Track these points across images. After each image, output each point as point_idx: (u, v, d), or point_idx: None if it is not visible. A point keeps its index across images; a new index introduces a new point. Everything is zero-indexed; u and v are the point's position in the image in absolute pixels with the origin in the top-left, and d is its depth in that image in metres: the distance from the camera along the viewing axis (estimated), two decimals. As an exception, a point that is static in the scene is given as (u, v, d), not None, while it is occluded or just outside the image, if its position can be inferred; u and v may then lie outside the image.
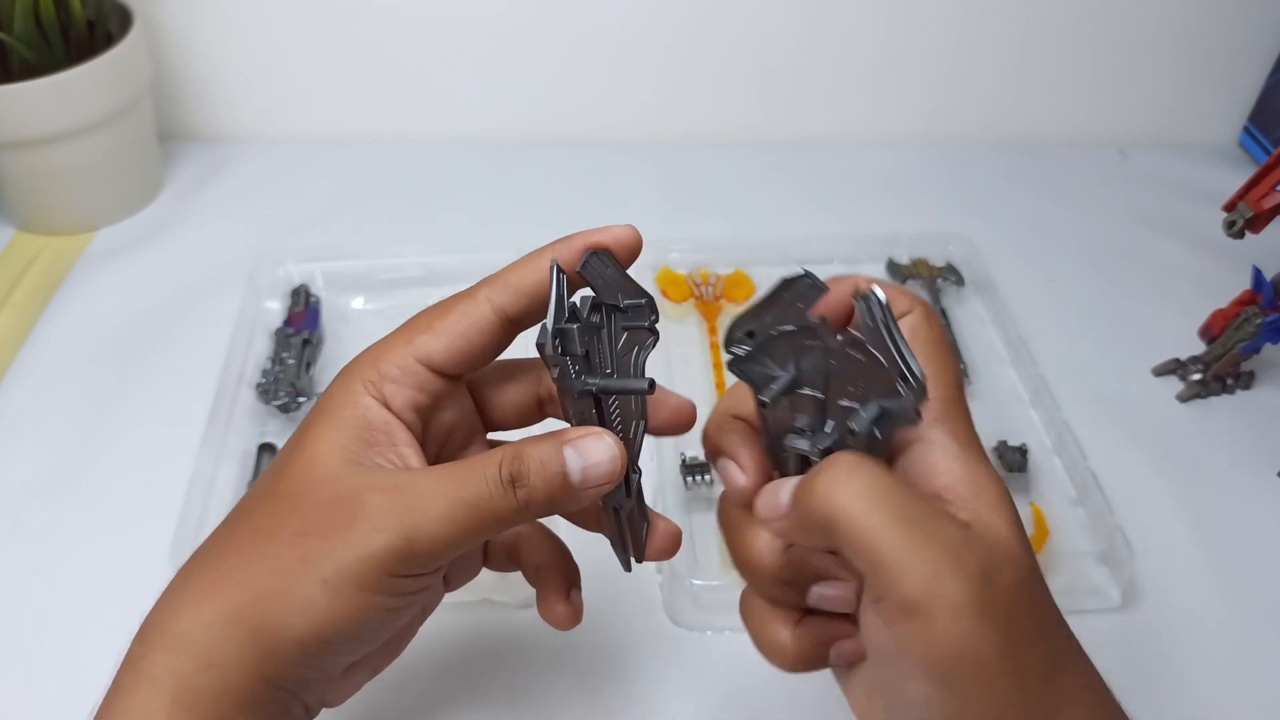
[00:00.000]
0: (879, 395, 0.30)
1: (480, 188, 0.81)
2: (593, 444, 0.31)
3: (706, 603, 0.50)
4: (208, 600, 0.31)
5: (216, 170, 0.82)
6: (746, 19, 0.81)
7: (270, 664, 0.30)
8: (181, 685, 0.30)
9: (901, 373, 0.29)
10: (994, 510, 0.29)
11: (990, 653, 0.27)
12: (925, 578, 0.27)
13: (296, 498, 0.31)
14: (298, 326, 0.63)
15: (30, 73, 0.66)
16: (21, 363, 0.64)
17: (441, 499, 0.30)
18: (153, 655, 0.31)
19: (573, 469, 0.31)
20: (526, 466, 0.31)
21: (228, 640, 0.30)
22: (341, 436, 0.32)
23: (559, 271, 0.32)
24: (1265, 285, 0.60)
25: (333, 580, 0.30)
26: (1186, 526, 0.56)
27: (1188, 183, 0.84)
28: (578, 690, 0.47)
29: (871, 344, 0.29)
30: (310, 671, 0.32)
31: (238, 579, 0.31)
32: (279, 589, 0.30)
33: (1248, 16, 0.82)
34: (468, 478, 0.31)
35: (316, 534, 0.30)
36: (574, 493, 0.31)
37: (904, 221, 0.77)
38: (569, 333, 0.32)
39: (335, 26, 0.80)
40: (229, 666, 0.30)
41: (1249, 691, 0.49)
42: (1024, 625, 0.28)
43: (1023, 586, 0.28)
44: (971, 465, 0.30)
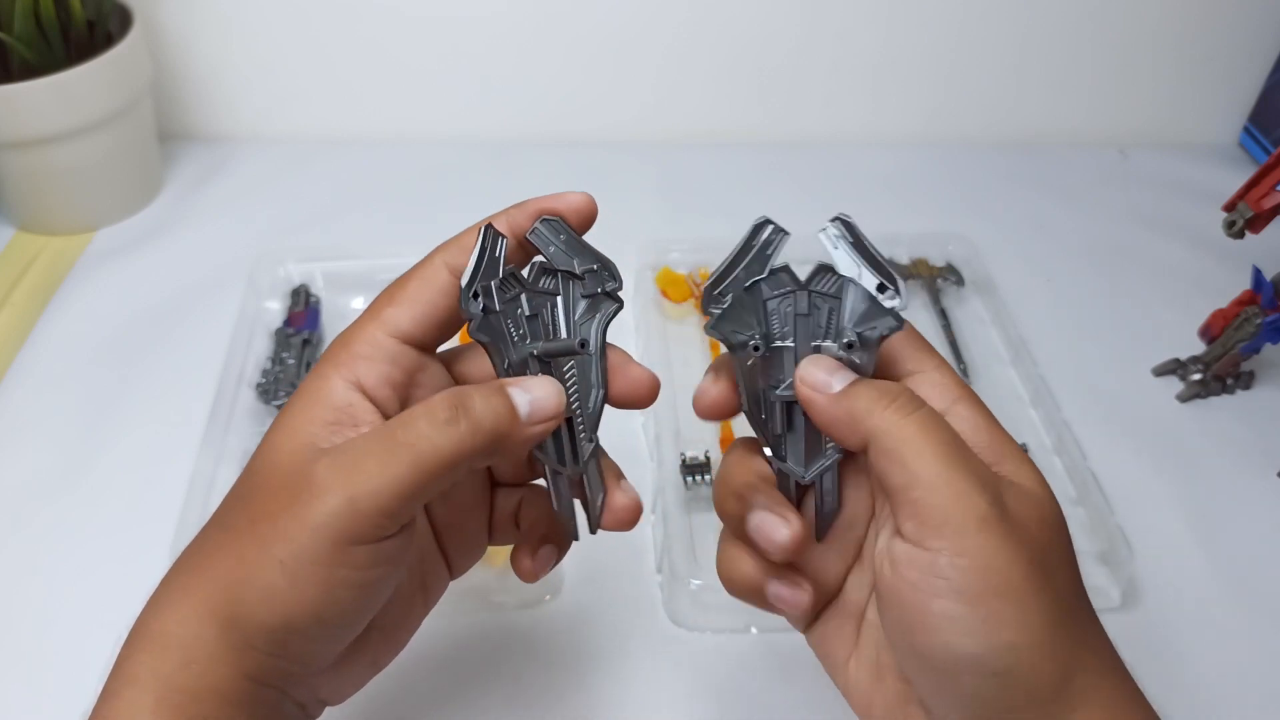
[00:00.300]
0: (854, 324, 0.33)
1: (480, 188, 0.81)
2: (535, 382, 0.32)
3: (706, 603, 0.50)
4: (183, 599, 0.31)
5: (216, 170, 0.82)
6: (746, 19, 0.81)
7: (247, 657, 0.30)
8: (164, 685, 0.29)
9: (888, 273, 0.32)
10: (1021, 468, 0.31)
11: (1018, 573, 0.28)
12: (959, 494, 0.28)
13: (254, 488, 0.31)
14: (298, 326, 0.63)
15: (30, 73, 0.66)
16: (21, 363, 0.64)
17: (380, 452, 0.29)
18: (137, 657, 0.30)
19: (520, 403, 0.31)
20: (469, 399, 0.30)
21: (203, 636, 0.30)
22: (304, 422, 0.31)
23: (490, 231, 0.32)
24: (1265, 285, 0.60)
25: (289, 561, 0.29)
26: (1186, 526, 0.56)
27: (1188, 183, 0.84)
28: (578, 690, 0.47)
29: (855, 259, 0.33)
30: (289, 664, 0.31)
31: (207, 574, 0.31)
32: (241, 579, 0.29)
33: (1248, 16, 0.82)
34: (403, 425, 0.30)
35: (266, 518, 0.30)
36: (521, 427, 0.31)
37: (904, 221, 0.77)
38: (485, 290, 0.32)
39: (335, 26, 0.80)
40: (207, 663, 0.29)
41: (1249, 691, 0.49)
42: (1051, 559, 0.29)
43: (1049, 526, 0.30)
44: (997, 434, 0.32)
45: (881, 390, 0.31)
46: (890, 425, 0.30)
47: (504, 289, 0.33)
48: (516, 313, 0.33)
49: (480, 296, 0.32)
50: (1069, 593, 0.30)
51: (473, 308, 0.32)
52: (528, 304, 0.33)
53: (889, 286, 0.33)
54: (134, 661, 0.30)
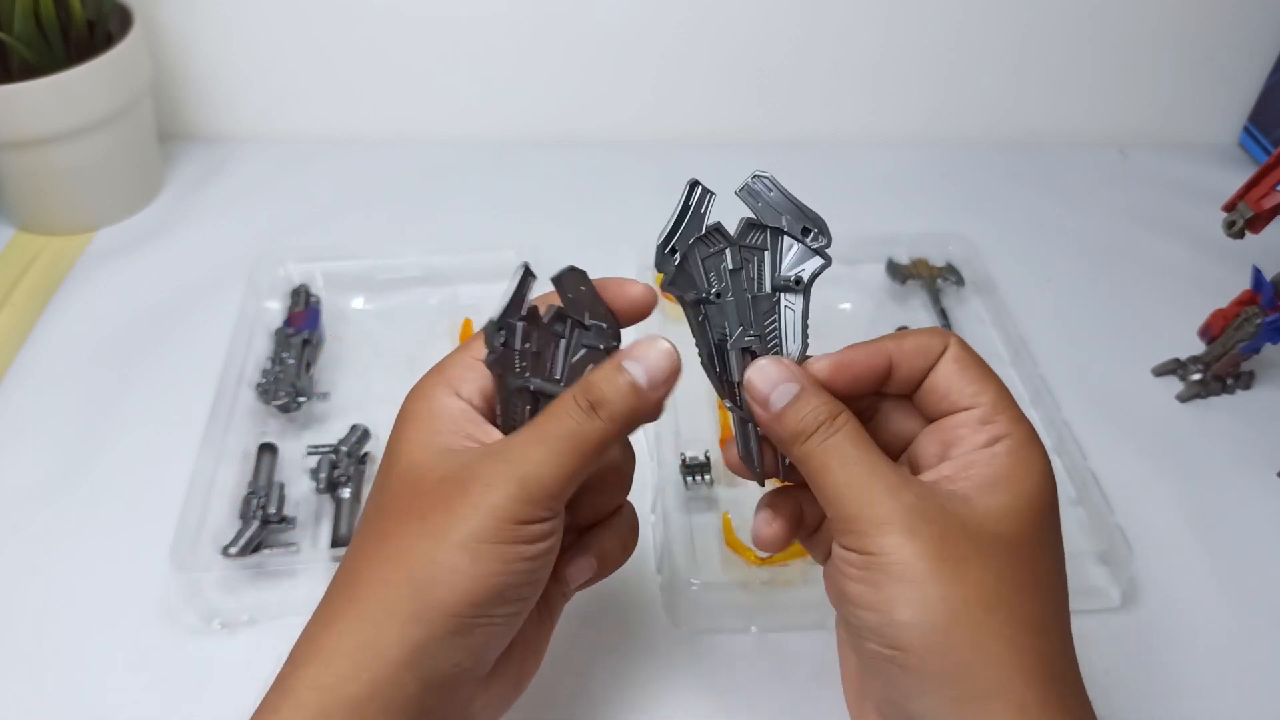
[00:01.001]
0: (788, 269, 0.36)
1: (480, 188, 0.81)
2: (643, 348, 0.35)
3: (706, 603, 0.50)
4: (352, 609, 0.33)
5: (216, 170, 0.82)
6: (746, 19, 0.81)
7: (424, 655, 0.32)
8: (325, 697, 0.31)
9: (812, 216, 0.36)
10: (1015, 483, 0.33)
11: (920, 566, 0.31)
12: (863, 503, 0.32)
13: (402, 497, 0.34)
14: (298, 326, 0.63)
15: (30, 73, 0.66)
16: (21, 363, 0.64)
17: (538, 444, 0.33)
18: (298, 672, 0.32)
19: (637, 375, 0.34)
20: (599, 390, 0.34)
21: (379, 641, 0.32)
22: (426, 433, 0.35)
23: (525, 272, 0.35)
24: (1265, 285, 0.60)
25: (469, 542, 0.32)
26: (1186, 526, 0.56)
27: (1188, 183, 0.84)
28: (578, 690, 0.47)
29: (777, 210, 0.36)
30: (462, 655, 0.33)
31: (377, 581, 0.33)
32: (421, 572, 0.32)
33: (1248, 16, 0.82)
34: (553, 420, 0.34)
35: (436, 511, 0.33)
36: (646, 396, 0.34)
37: (904, 221, 0.77)
38: (511, 327, 0.35)
39: (335, 26, 0.80)
40: (380, 668, 0.32)
41: (1249, 691, 0.49)
42: (957, 548, 0.31)
43: (993, 535, 0.32)
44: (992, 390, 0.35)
45: (807, 416, 0.34)
46: (808, 454, 0.34)
47: (530, 324, 0.36)
48: (524, 346, 0.36)
49: (505, 333, 0.35)
50: (991, 586, 0.31)
51: (495, 341, 0.35)
52: (535, 341, 0.36)
53: (812, 229, 0.36)
54: (296, 676, 0.32)
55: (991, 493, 0.32)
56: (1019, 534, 0.32)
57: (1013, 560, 0.32)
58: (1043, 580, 0.32)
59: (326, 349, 0.64)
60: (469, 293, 0.68)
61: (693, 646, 0.50)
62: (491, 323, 0.35)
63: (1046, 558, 0.33)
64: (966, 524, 0.32)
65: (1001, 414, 0.34)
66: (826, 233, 0.36)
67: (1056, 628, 0.32)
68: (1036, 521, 0.33)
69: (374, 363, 0.64)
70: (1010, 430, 0.34)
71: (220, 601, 0.50)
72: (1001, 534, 0.32)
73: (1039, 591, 0.32)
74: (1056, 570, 0.33)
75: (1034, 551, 0.32)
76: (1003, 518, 0.32)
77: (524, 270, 0.35)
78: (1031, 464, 0.33)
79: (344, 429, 0.58)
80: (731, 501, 0.55)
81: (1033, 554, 0.32)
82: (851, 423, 0.34)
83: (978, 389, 0.35)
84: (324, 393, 0.61)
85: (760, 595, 0.50)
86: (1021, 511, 0.32)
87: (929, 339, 0.36)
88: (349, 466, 0.55)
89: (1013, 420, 0.34)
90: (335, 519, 0.54)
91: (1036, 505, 0.33)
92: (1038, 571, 0.32)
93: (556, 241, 0.70)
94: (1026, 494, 0.33)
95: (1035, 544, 0.32)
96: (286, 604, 0.50)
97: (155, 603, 0.50)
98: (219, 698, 0.47)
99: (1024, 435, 0.34)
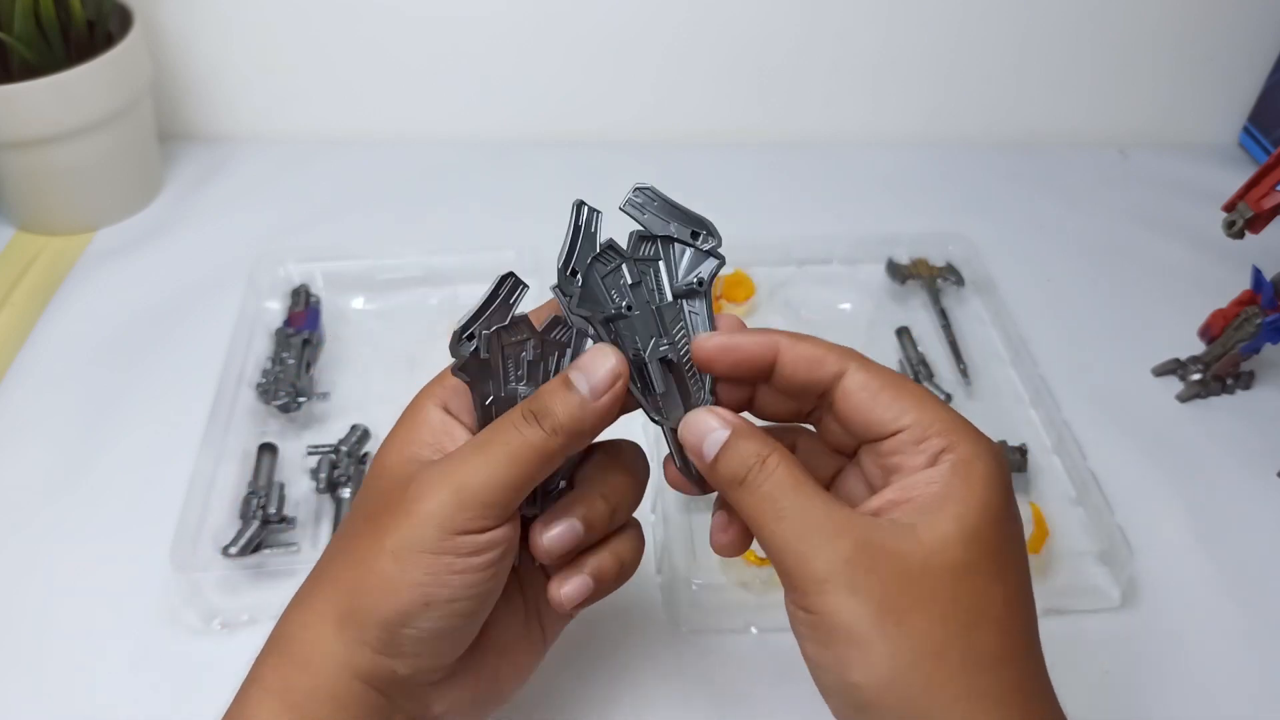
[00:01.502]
0: (683, 276, 0.36)
1: (480, 188, 0.81)
2: (589, 359, 0.34)
3: (706, 603, 0.50)
4: (307, 603, 0.34)
5: (216, 170, 0.82)
6: (746, 19, 0.81)
7: (359, 656, 0.33)
8: (286, 686, 0.33)
9: (699, 219, 0.36)
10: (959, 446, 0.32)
11: (864, 623, 0.30)
12: (800, 559, 0.31)
13: (369, 500, 0.35)
14: (298, 326, 0.63)
15: (30, 73, 0.66)
16: (21, 363, 0.64)
17: (478, 453, 0.33)
18: (268, 661, 0.34)
19: (580, 385, 0.34)
20: (542, 401, 0.34)
21: (322, 637, 0.33)
22: (407, 442, 0.36)
23: (507, 281, 0.36)
24: (1265, 285, 0.60)
25: (399, 550, 0.32)
26: (1186, 526, 0.56)
27: (1188, 183, 0.84)
28: (578, 690, 0.47)
29: (663, 218, 0.36)
30: (400, 662, 0.33)
31: (327, 578, 0.35)
32: (357, 574, 0.33)
33: (1248, 16, 0.82)
34: (497, 430, 0.34)
35: (380, 516, 0.33)
36: (589, 406, 0.34)
37: (904, 221, 0.77)
38: (485, 336, 0.35)
39: (335, 26, 0.80)
40: (322, 663, 0.33)
41: (1249, 691, 0.49)
42: (901, 598, 0.30)
43: (929, 563, 0.30)
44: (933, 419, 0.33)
45: (735, 462, 0.33)
46: (742, 502, 0.33)
47: (511, 332, 0.36)
48: (519, 354, 0.36)
49: (475, 340, 0.35)
50: (938, 632, 0.30)
51: (461, 349, 0.35)
52: (534, 349, 0.36)
53: (700, 231, 0.36)
54: (265, 665, 0.34)
55: (935, 519, 0.31)
56: (967, 562, 0.30)
57: (962, 595, 0.30)
58: (998, 607, 0.30)
59: (326, 349, 0.64)
60: (469, 293, 0.68)
61: (693, 646, 0.50)
62: (454, 333, 0.35)
63: (1001, 579, 0.31)
64: (910, 565, 0.30)
65: (932, 430, 0.32)
66: (715, 234, 0.37)
67: (1020, 652, 0.31)
68: (985, 544, 0.31)
69: (374, 363, 0.64)
70: (945, 445, 0.32)
71: (220, 601, 0.50)
72: (949, 564, 0.30)
73: (994, 621, 0.30)
74: (1015, 590, 0.31)
75: (985, 578, 0.30)
76: (948, 546, 0.30)
77: (503, 279, 0.36)
78: (974, 478, 0.31)
79: (344, 429, 0.58)
80: (731, 501, 0.55)
81: (985, 582, 0.30)
82: (783, 466, 0.33)
83: (897, 411, 0.33)
84: (324, 393, 0.61)
85: (760, 595, 0.50)
86: (968, 535, 0.30)
87: (824, 353, 0.34)
88: (349, 466, 0.55)
89: (946, 433, 0.32)
90: (335, 519, 0.54)
91: (985, 522, 0.31)
92: (991, 598, 0.30)
93: (556, 241, 0.70)
94: (973, 513, 0.31)
95: (986, 569, 0.30)
96: (287, 604, 0.50)
97: (155, 603, 0.50)
98: (219, 698, 0.47)
99: (963, 449, 0.32)
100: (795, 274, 0.71)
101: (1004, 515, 0.31)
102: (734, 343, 0.35)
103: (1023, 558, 0.32)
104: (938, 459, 0.32)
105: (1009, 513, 0.32)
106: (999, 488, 0.31)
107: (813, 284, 0.70)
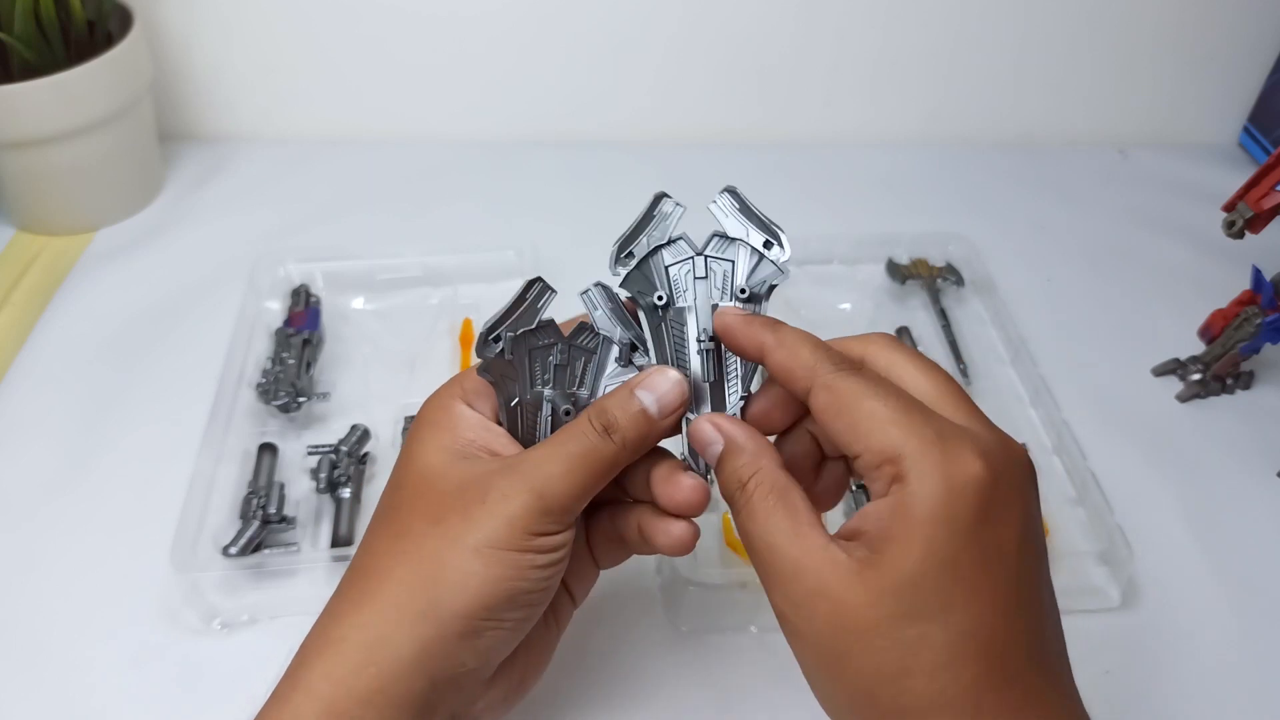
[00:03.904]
0: (747, 279, 0.38)
1: (480, 188, 0.81)
2: (655, 378, 0.36)
3: (706, 603, 0.50)
4: (365, 605, 0.34)
5: (216, 170, 0.82)
6: (746, 19, 0.81)
7: (432, 653, 0.33)
8: (336, 688, 0.32)
9: (773, 230, 0.38)
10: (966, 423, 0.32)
11: (804, 661, 0.32)
12: (764, 581, 0.33)
13: (418, 497, 0.35)
14: (298, 326, 0.63)
15: (30, 73, 0.66)
16: (22, 363, 0.64)
17: (555, 459, 0.35)
18: (309, 662, 0.33)
19: (648, 403, 0.36)
20: (612, 415, 0.35)
21: (390, 637, 0.33)
22: (444, 439, 0.36)
23: (534, 285, 0.38)
24: (1265, 285, 0.60)
25: (482, 547, 0.33)
26: (1186, 526, 0.56)
27: (1187, 183, 0.84)
28: (578, 690, 0.47)
29: (742, 223, 0.38)
30: (469, 656, 0.34)
31: (389, 578, 0.34)
32: (433, 572, 0.33)
33: (1248, 16, 0.82)
34: (570, 437, 0.35)
35: (453, 516, 0.34)
36: (655, 424, 0.36)
37: (904, 221, 0.77)
38: (511, 337, 0.37)
39: (336, 26, 0.80)
40: (388, 663, 0.33)
41: (1249, 691, 0.49)
42: (838, 642, 0.30)
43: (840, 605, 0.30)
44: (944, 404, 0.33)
45: (725, 480, 0.35)
46: (735, 518, 0.34)
47: (537, 335, 0.37)
48: (545, 358, 0.37)
49: (500, 342, 0.37)
50: (869, 681, 0.30)
51: (485, 351, 0.37)
52: (560, 354, 0.37)
53: (774, 242, 0.38)
54: (307, 667, 0.33)
55: (878, 561, 0.29)
56: (903, 611, 0.29)
57: (895, 644, 0.29)
58: (936, 653, 0.29)
59: (326, 349, 0.64)
60: (469, 293, 0.68)
61: (693, 646, 0.50)
62: (480, 334, 0.37)
63: (945, 621, 0.29)
64: (848, 616, 0.30)
65: (884, 457, 0.30)
66: (784, 245, 0.38)
67: (956, 696, 0.29)
68: (922, 587, 0.29)
69: (374, 363, 0.64)
70: (895, 473, 0.30)
71: (220, 601, 0.50)
72: (884, 615, 0.29)
73: (927, 670, 0.29)
74: (971, 625, 0.29)
75: (923, 625, 0.29)
76: (883, 596, 0.29)
77: (530, 283, 0.37)
78: (914, 517, 0.29)
79: (344, 429, 0.58)
80: (731, 501, 0.55)
81: (921, 629, 0.29)
82: (759, 491, 0.33)
83: (851, 438, 0.31)
84: (324, 393, 0.61)
85: (760, 595, 0.50)
86: (903, 582, 0.29)
87: (793, 367, 0.34)
88: (349, 466, 0.55)
89: (899, 459, 0.30)
90: (335, 519, 0.54)
91: (926, 565, 0.29)
92: (928, 644, 0.29)
93: (556, 241, 0.70)
94: (911, 558, 0.29)
95: (926, 613, 0.29)
96: (287, 604, 0.50)
97: (155, 603, 0.50)
98: (219, 698, 0.47)
99: (913, 481, 0.30)
100: (795, 274, 0.71)
101: (960, 559, 0.29)
102: (731, 330, 0.36)
103: (1005, 595, 0.30)
104: (890, 488, 0.30)
105: (974, 551, 0.29)
106: (948, 528, 0.29)
107: (813, 284, 0.70)
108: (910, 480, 0.30)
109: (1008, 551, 0.30)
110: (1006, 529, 0.30)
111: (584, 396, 0.38)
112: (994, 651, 0.29)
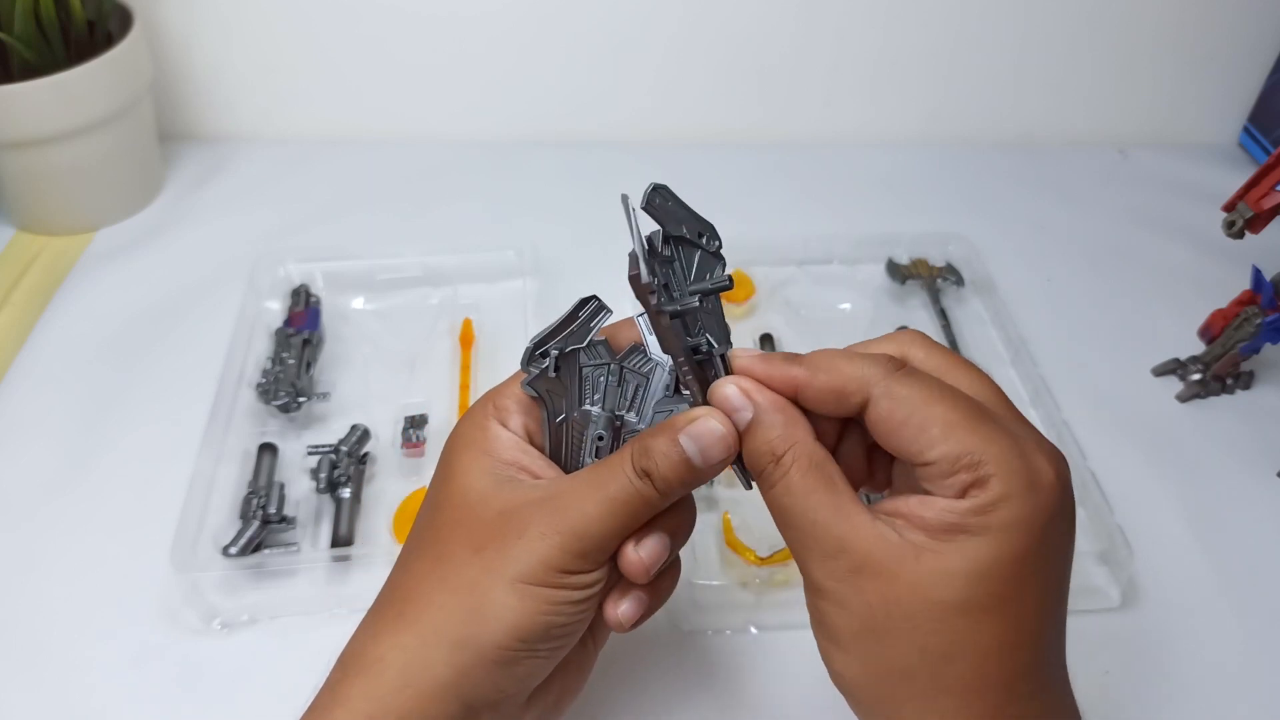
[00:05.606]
0: (695, 276, 0.37)
1: (480, 188, 0.81)
2: (703, 426, 0.34)
3: (706, 603, 0.50)
4: (405, 627, 0.34)
5: (216, 170, 0.82)
6: (745, 19, 0.81)
7: (468, 679, 0.33)
8: (375, 707, 0.33)
9: (704, 222, 0.37)
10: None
11: (842, 633, 0.31)
12: (802, 562, 0.33)
13: (459, 523, 0.35)
14: (298, 326, 0.63)
15: (30, 73, 0.66)
16: (22, 363, 0.64)
17: (593, 500, 0.34)
18: (349, 680, 0.34)
19: (691, 453, 0.34)
20: (653, 461, 0.34)
21: (428, 660, 0.33)
22: (483, 462, 0.36)
23: (589, 304, 0.37)
24: (1265, 285, 0.60)
25: (518, 582, 0.34)
26: (1186, 526, 0.56)
27: (1187, 183, 0.84)
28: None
29: (677, 219, 0.36)
30: (506, 682, 0.34)
31: (429, 602, 0.34)
32: (471, 601, 0.34)
33: (1248, 16, 0.82)
34: (608, 479, 0.35)
35: (492, 545, 0.34)
36: (699, 473, 0.34)
37: (904, 221, 0.77)
38: (560, 353, 0.36)
39: (336, 26, 0.80)
40: (426, 685, 0.33)
41: (1249, 691, 0.49)
42: (885, 619, 0.31)
43: (888, 582, 0.31)
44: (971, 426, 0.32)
45: (756, 452, 0.34)
46: (764, 492, 0.34)
47: (589, 354, 0.37)
48: (596, 377, 0.37)
49: (548, 358, 0.36)
50: (912, 658, 0.30)
51: (531, 367, 0.36)
52: (612, 375, 0.37)
53: (705, 234, 0.37)
54: (346, 684, 0.34)
55: (943, 550, 0.30)
56: (962, 600, 0.29)
57: (946, 630, 0.30)
58: (988, 643, 0.30)
59: (326, 349, 0.64)
60: (469, 293, 0.68)
61: (693, 646, 0.50)
62: (528, 349, 0.36)
63: (1003, 619, 0.30)
64: (900, 592, 0.30)
65: (961, 465, 0.30)
66: (716, 236, 0.38)
67: (1001, 684, 0.30)
68: (990, 586, 0.29)
69: (374, 363, 0.64)
70: (974, 479, 0.30)
71: (220, 601, 0.50)
72: (941, 599, 0.29)
73: (977, 657, 0.30)
74: (1026, 627, 0.30)
75: (980, 617, 0.29)
76: (946, 582, 0.29)
77: (584, 301, 0.36)
78: (994, 521, 0.29)
79: (344, 429, 0.58)
80: (731, 501, 0.55)
81: (978, 620, 0.29)
82: (800, 462, 0.32)
83: (923, 444, 0.31)
84: (324, 393, 0.61)
85: (760, 595, 0.50)
86: (972, 576, 0.29)
87: (843, 383, 0.33)
88: (349, 466, 0.55)
89: (977, 465, 0.30)
90: (335, 519, 0.54)
91: (997, 567, 0.29)
92: (982, 634, 0.30)
93: (556, 241, 0.70)
94: (983, 557, 0.29)
95: (986, 607, 0.29)
96: (287, 604, 0.51)
97: (155, 603, 0.50)
98: (219, 698, 0.47)
99: (995, 487, 0.29)
100: (795, 274, 0.71)
101: (1027, 557, 0.30)
102: (756, 375, 0.35)
103: (1048, 596, 0.31)
104: (965, 493, 0.30)
105: (1038, 553, 0.30)
106: (1024, 530, 0.29)
107: (813, 284, 0.70)
108: (992, 486, 0.30)
109: (1065, 554, 0.32)
110: (1065, 534, 0.32)
111: (632, 421, 0.37)
112: (1040, 644, 0.31)
